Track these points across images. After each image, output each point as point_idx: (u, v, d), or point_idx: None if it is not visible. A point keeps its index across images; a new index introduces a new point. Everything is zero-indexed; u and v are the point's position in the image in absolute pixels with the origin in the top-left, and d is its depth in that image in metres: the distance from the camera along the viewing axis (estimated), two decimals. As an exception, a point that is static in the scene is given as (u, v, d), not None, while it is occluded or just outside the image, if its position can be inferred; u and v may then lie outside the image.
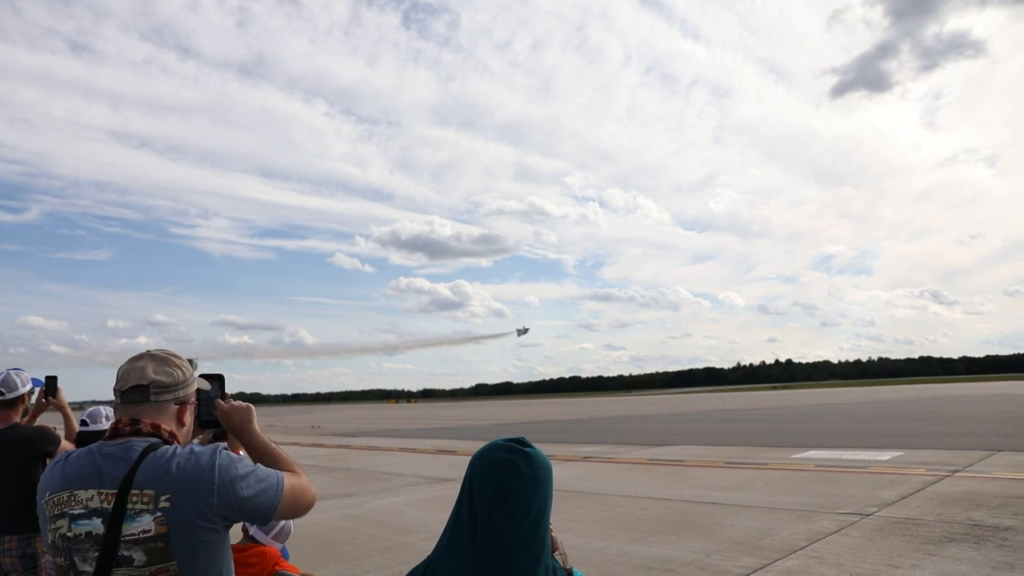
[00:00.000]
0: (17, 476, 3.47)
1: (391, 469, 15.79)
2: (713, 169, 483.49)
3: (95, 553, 1.55)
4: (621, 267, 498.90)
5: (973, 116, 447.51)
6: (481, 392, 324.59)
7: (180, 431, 1.77)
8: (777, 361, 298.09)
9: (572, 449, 19.13)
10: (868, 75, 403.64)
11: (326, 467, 16.77)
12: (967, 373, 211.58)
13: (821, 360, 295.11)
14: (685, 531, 7.84)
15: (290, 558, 3.61)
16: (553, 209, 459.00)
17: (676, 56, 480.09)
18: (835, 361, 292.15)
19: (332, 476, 14.72)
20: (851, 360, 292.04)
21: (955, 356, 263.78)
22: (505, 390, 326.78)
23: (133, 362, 1.75)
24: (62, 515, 1.60)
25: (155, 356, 1.77)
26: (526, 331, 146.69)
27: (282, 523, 3.43)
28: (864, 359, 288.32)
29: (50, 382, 3.82)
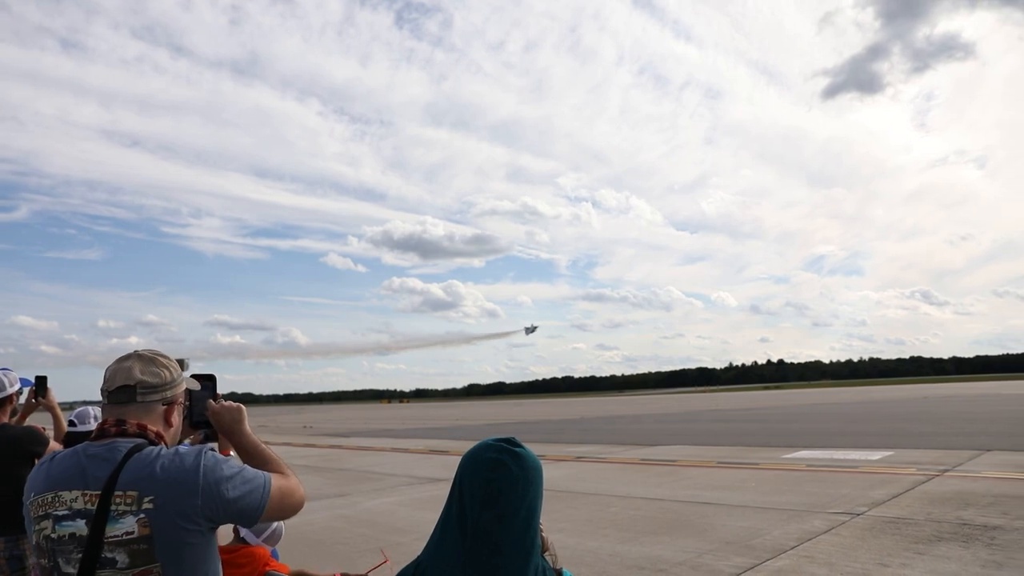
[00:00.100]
0: (5, 477, 3.44)
1: (383, 469, 15.76)
2: (705, 170, 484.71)
3: (79, 555, 1.54)
4: (614, 267, 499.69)
5: (963, 118, 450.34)
6: (474, 392, 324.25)
7: (167, 432, 1.76)
8: (769, 361, 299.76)
9: (565, 449, 19.15)
10: (859, 77, 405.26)
11: (318, 467, 16.72)
12: (957, 373, 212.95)
13: (813, 360, 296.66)
14: (677, 531, 7.86)
15: (280, 558, 3.60)
16: (546, 209, 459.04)
17: (668, 57, 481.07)
18: (827, 361, 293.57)
19: (324, 476, 14.68)
20: (842, 360, 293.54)
21: (945, 356, 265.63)
22: (498, 390, 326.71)
23: (120, 362, 1.74)
24: (46, 516, 1.58)
25: (142, 356, 1.76)
26: (535, 329, 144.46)
27: (273, 525, 3.41)
28: (855, 359, 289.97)
29: (40, 382, 3.79)
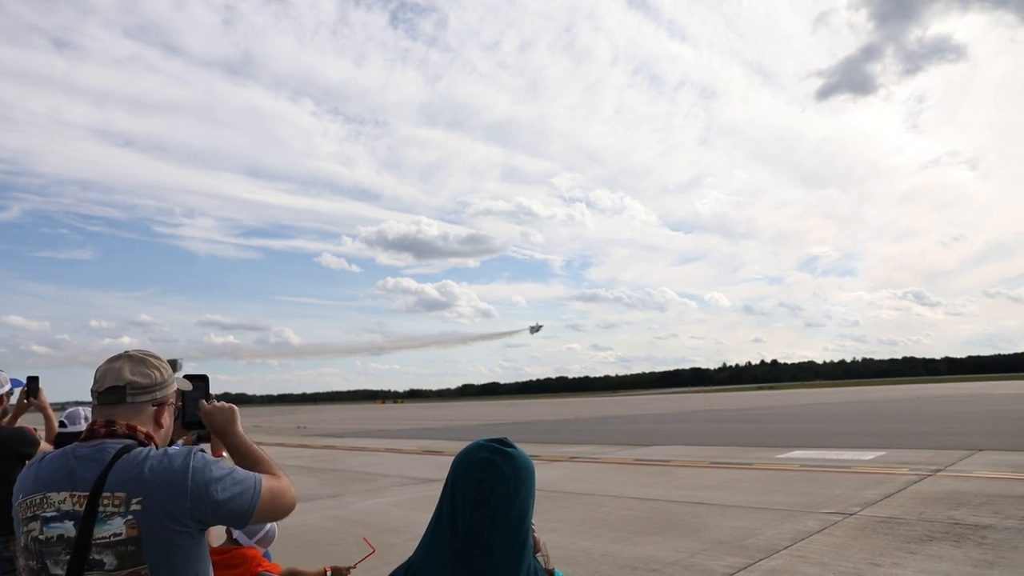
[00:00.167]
0: (-6, 478, 3.41)
1: (377, 470, 15.73)
2: (700, 170, 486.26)
3: (67, 556, 1.53)
4: (608, 268, 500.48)
5: (955, 119, 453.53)
6: (468, 392, 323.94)
7: (158, 433, 1.75)
8: (762, 361, 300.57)
9: (559, 449, 19.15)
10: (853, 78, 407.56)
11: (312, 468, 16.68)
12: (949, 373, 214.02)
13: (806, 360, 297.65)
14: (670, 531, 7.87)
15: (273, 559, 3.59)
16: (540, 210, 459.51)
17: (663, 57, 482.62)
18: (820, 361, 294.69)
19: (318, 477, 14.64)
20: (835, 360, 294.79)
21: (937, 357, 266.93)
22: (492, 390, 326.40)
23: (111, 363, 1.73)
24: (34, 518, 1.57)
25: (133, 357, 1.75)
26: (539, 328, 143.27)
27: (267, 527, 3.40)
28: (848, 359, 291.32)
29: (31, 383, 3.77)
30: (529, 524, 1.46)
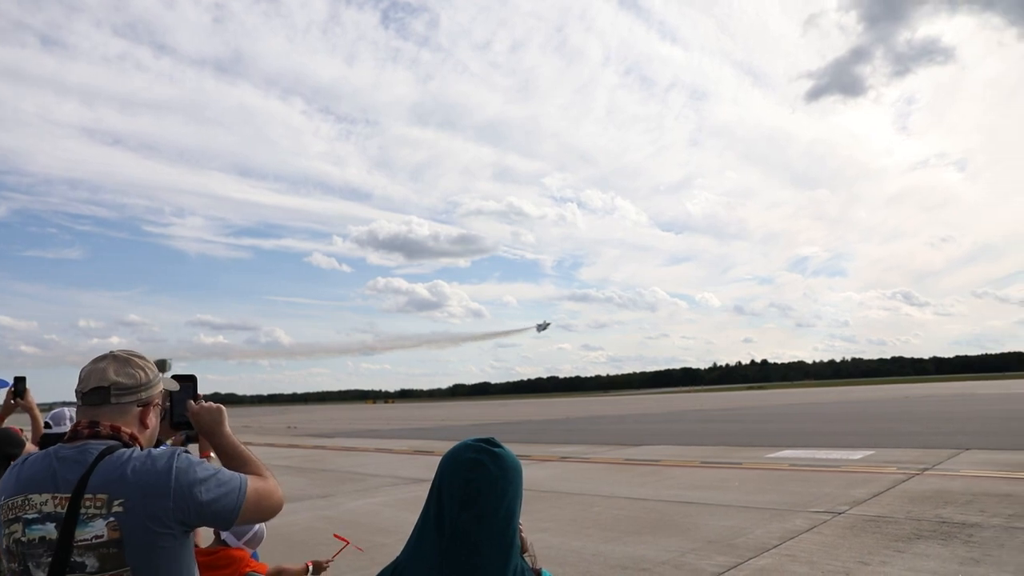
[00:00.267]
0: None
1: (367, 470, 15.69)
2: (691, 171, 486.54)
3: (48, 559, 1.51)
4: (599, 268, 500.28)
5: (944, 121, 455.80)
6: (459, 392, 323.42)
7: (143, 434, 1.73)
8: (753, 361, 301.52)
9: (549, 449, 19.17)
10: (842, 79, 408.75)
11: (302, 468, 16.60)
12: (937, 373, 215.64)
13: (796, 360, 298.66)
14: (660, 530, 7.89)
15: (261, 559, 3.57)
16: (531, 210, 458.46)
17: (654, 58, 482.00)
18: (809, 361, 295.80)
19: (308, 477, 14.57)
20: (825, 360, 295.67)
21: (926, 356, 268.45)
22: (483, 390, 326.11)
23: (95, 363, 1.71)
24: (17, 519, 1.55)
25: (118, 357, 1.73)
26: (547, 326, 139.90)
27: (255, 527, 3.38)
28: (838, 359, 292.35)
29: (18, 383, 3.73)
30: (516, 524, 1.46)
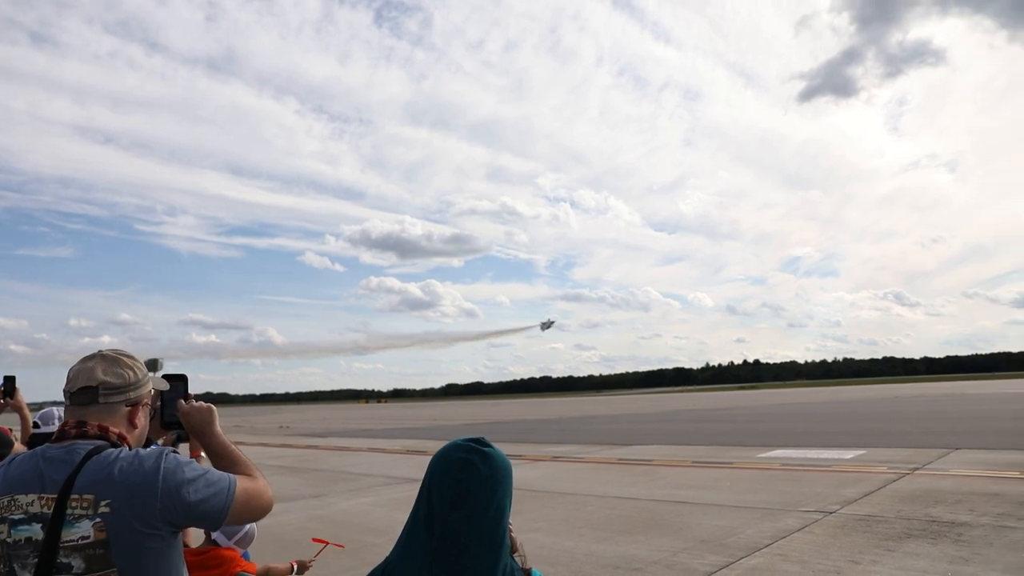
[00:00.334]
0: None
1: (360, 470, 15.65)
2: (683, 171, 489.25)
3: (34, 560, 1.50)
4: (592, 268, 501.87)
5: (935, 122, 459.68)
6: (452, 392, 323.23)
7: (131, 434, 1.72)
8: (745, 361, 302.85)
9: (542, 449, 19.15)
10: (835, 80, 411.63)
11: (294, 468, 16.53)
12: (928, 373, 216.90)
13: (788, 360, 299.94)
14: (653, 530, 7.91)
15: (252, 559, 3.56)
16: (525, 209, 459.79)
17: (648, 59, 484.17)
18: (801, 361, 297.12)
19: (300, 477, 14.54)
20: (817, 360, 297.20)
21: (917, 357, 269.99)
22: (476, 390, 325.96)
23: (84, 363, 1.70)
24: (2, 520, 1.54)
25: (106, 357, 1.72)
26: (551, 324, 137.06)
27: (246, 528, 3.37)
28: (830, 359, 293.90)
29: (8, 382, 3.70)
30: (506, 524, 1.46)
